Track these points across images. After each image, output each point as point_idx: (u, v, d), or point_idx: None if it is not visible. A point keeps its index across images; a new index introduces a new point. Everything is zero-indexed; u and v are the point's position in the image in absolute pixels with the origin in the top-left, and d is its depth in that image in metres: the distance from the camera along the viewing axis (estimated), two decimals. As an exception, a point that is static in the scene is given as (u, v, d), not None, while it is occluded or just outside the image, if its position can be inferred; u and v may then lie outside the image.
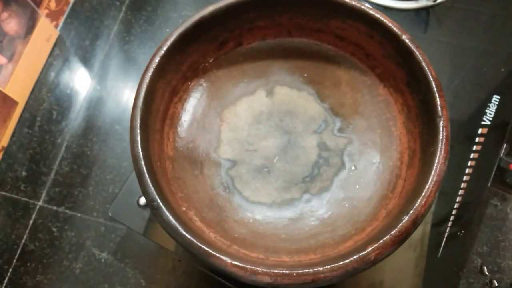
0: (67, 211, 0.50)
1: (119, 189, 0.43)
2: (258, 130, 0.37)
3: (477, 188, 0.43)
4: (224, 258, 0.27)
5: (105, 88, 0.55)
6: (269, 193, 0.35)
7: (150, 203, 0.29)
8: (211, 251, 0.27)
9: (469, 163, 0.44)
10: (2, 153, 0.52)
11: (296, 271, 0.27)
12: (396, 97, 0.36)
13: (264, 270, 0.27)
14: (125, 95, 0.55)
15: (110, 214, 0.42)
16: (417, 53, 0.32)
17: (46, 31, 0.55)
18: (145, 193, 0.29)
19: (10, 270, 0.48)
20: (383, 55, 0.35)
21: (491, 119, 0.45)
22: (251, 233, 0.33)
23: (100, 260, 0.48)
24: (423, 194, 0.28)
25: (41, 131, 0.53)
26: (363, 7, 0.33)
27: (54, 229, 0.49)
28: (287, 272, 0.27)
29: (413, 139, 0.34)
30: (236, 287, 0.40)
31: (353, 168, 0.35)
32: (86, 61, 0.57)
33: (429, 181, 0.29)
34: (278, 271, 0.27)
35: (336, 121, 0.37)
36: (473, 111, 0.46)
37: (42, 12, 0.54)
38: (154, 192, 0.29)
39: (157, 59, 0.32)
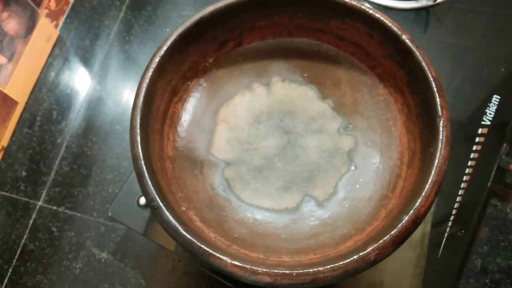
0: (67, 211, 0.50)
1: (119, 189, 0.43)
2: (258, 130, 0.37)
3: (477, 188, 0.43)
4: (224, 258, 0.27)
5: (105, 88, 0.55)
6: (269, 193, 0.35)
7: (150, 203, 0.29)
8: (211, 251, 0.27)
9: (469, 163, 0.44)
10: (2, 153, 0.52)
11: (296, 271, 0.27)
12: (396, 97, 0.36)
13: (264, 270, 0.27)
14: (125, 95, 0.55)
15: (110, 214, 0.42)
16: (417, 53, 0.32)
17: (46, 31, 0.55)
18: (145, 193, 0.29)
19: (10, 270, 0.48)
20: (383, 55, 0.35)
21: (491, 119, 0.45)
22: (251, 233, 0.33)
23: (100, 260, 0.48)
24: (423, 194, 0.28)
25: (41, 131, 0.53)
26: (363, 7, 0.33)
27: (54, 229, 0.49)
28: (287, 272, 0.27)
29: (413, 139, 0.34)
30: (236, 287, 0.40)
31: (353, 168, 0.35)
32: (86, 61, 0.57)
33: (429, 181, 0.29)
34: (278, 271, 0.27)
35: (336, 121, 0.37)
36: (473, 111, 0.46)
37: (42, 12, 0.54)
38: (154, 192, 0.29)
39: (157, 59, 0.32)
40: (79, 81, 0.56)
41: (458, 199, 0.43)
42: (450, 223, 0.42)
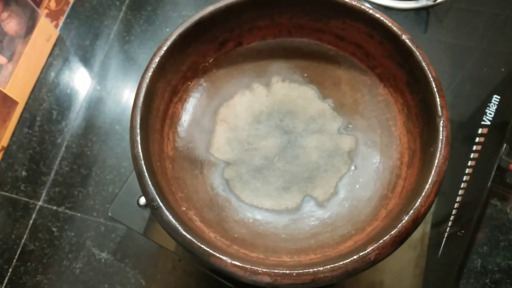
0: (67, 211, 0.50)
1: (119, 189, 0.43)
2: (258, 130, 0.37)
3: (477, 188, 0.43)
4: (224, 258, 0.27)
5: (105, 88, 0.55)
6: (269, 193, 0.35)
7: (150, 203, 0.29)
8: (211, 251, 0.27)
9: (469, 163, 0.44)
10: (2, 153, 0.52)
11: (296, 271, 0.27)
12: (396, 97, 0.36)
13: (264, 270, 0.27)
14: (125, 95, 0.55)
15: (110, 214, 0.42)
16: (417, 53, 0.32)
17: (46, 31, 0.55)
18: (145, 193, 0.29)
19: (10, 270, 0.48)
20: (383, 55, 0.35)
21: (491, 119, 0.45)
22: (251, 233, 0.33)
23: (100, 260, 0.48)
24: (423, 194, 0.28)
25: (41, 131, 0.53)
26: (363, 7, 0.33)
27: (54, 229, 0.49)
28: (287, 272, 0.27)
29: (413, 139, 0.34)
30: (236, 287, 0.40)
31: (353, 168, 0.35)
32: (86, 61, 0.57)
33: (429, 181, 0.29)
34: (278, 271, 0.27)
35: (336, 121, 0.37)
36: (473, 111, 0.46)
37: (42, 12, 0.54)
38: (154, 192, 0.29)
39: (157, 59, 0.32)
40: (79, 81, 0.56)
41: (458, 199, 0.43)
42: (450, 223, 0.42)
